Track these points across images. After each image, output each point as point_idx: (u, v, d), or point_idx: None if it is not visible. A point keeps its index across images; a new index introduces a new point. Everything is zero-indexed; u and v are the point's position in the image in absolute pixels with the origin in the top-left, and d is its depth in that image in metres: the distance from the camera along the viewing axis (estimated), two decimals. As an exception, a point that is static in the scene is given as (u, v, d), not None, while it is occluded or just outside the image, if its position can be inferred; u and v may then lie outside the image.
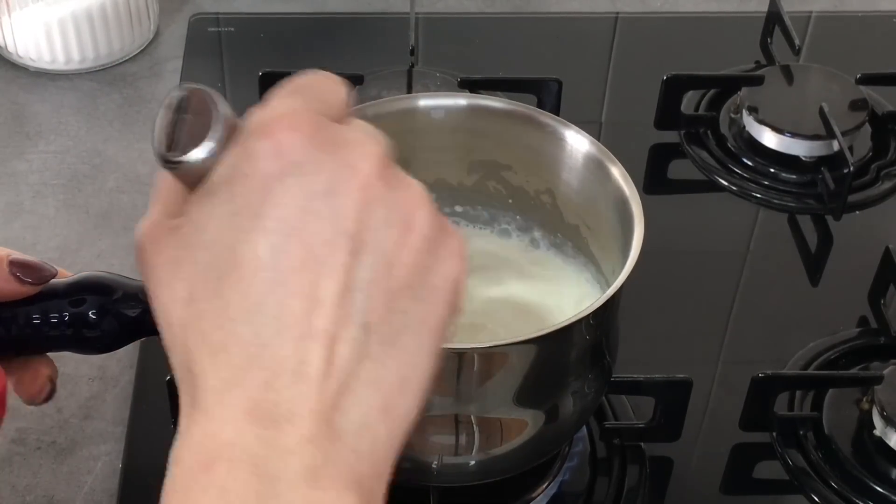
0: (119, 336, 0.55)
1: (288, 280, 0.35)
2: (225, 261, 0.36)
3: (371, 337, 0.36)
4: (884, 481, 0.71)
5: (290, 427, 0.35)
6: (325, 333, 0.35)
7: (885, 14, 1.13)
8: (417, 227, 0.37)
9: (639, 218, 0.61)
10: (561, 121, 0.67)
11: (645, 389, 0.71)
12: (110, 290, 0.54)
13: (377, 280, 0.36)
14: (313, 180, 0.36)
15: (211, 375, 0.36)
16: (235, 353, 0.35)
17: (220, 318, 0.36)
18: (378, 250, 0.36)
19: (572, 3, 1.13)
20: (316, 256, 0.36)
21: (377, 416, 0.36)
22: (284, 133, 0.36)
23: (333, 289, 0.36)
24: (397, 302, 0.37)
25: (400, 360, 0.37)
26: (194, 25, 1.06)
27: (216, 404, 0.35)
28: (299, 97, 0.39)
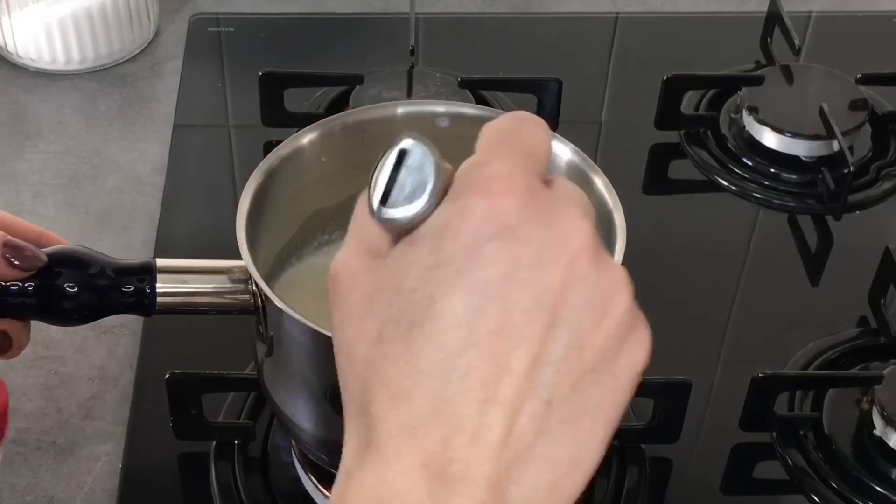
0: (96, 309, 0.57)
1: (482, 342, 0.35)
2: (421, 310, 0.36)
3: (552, 413, 0.36)
4: (884, 481, 0.71)
5: (462, 488, 0.35)
6: (509, 402, 0.35)
7: (885, 14, 1.13)
8: (615, 312, 0.38)
9: (621, 228, 0.60)
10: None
11: (644, 390, 0.71)
12: (86, 263, 0.55)
13: (567, 359, 0.36)
14: (523, 248, 0.36)
15: (390, 421, 0.36)
16: (418, 404, 0.35)
17: (407, 365, 0.36)
18: (573, 329, 0.36)
19: (572, 3, 1.13)
20: (513, 324, 0.35)
21: (545, 495, 0.36)
22: (499, 196, 0.36)
23: (525, 359, 0.36)
24: (582, 383, 0.37)
25: (575, 441, 0.37)
26: (194, 25, 1.06)
27: (392, 451, 0.35)
28: (512, 152, 0.38)
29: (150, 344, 0.77)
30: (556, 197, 0.38)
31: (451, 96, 0.94)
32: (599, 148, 0.96)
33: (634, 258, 0.60)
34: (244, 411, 0.72)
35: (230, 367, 0.72)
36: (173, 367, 0.69)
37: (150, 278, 0.58)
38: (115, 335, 0.79)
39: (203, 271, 0.61)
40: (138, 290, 0.58)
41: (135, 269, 0.58)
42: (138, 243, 0.86)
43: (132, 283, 0.58)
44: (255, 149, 0.92)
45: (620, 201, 0.62)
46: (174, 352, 0.77)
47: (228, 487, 0.69)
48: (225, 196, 0.89)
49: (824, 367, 0.78)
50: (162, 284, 0.59)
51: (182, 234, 0.86)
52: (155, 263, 0.59)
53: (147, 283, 0.58)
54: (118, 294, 0.57)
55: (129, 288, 0.57)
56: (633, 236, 0.60)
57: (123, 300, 0.58)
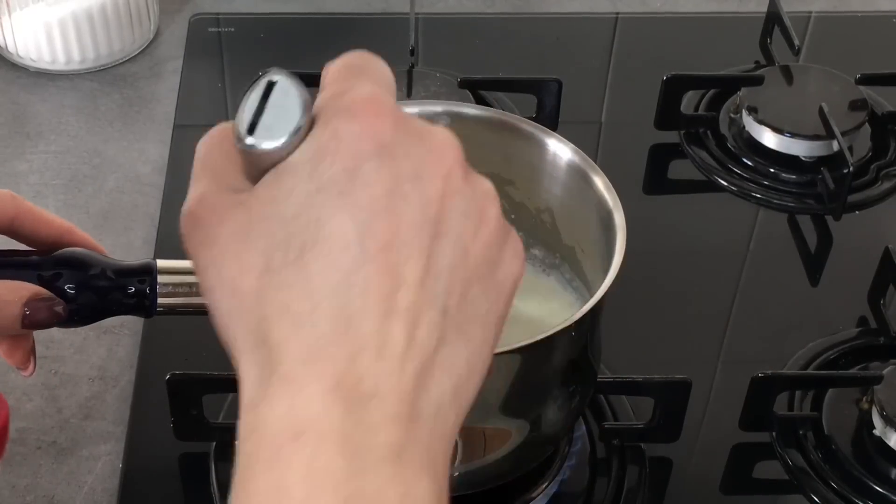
0: (96, 310, 0.57)
1: (375, 258, 0.36)
2: (308, 234, 0.36)
3: (447, 321, 0.37)
4: (884, 481, 0.71)
5: (375, 403, 0.35)
6: (408, 312, 0.36)
7: (885, 14, 1.13)
8: (490, 221, 0.39)
9: (621, 228, 0.61)
10: (542, 129, 0.67)
11: (644, 390, 0.71)
12: (86, 265, 0.56)
13: (455, 267, 0.37)
14: (402, 164, 0.37)
15: (294, 346, 0.35)
16: (321, 326, 0.35)
17: (304, 289, 0.36)
18: (456, 239, 0.37)
19: (572, 3, 1.13)
20: (402, 238, 0.36)
21: (450, 401, 0.37)
22: (372, 116, 0.37)
23: (418, 270, 0.36)
24: (470, 292, 0.38)
25: (469, 348, 0.38)
26: (194, 25, 1.06)
27: (301, 376, 0.35)
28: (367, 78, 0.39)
29: (150, 344, 0.77)
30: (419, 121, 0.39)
31: (451, 96, 0.94)
32: (599, 148, 0.96)
33: (634, 258, 0.60)
34: (244, 411, 0.72)
35: (230, 368, 0.72)
36: (174, 367, 0.69)
37: (151, 279, 0.58)
38: (116, 335, 0.79)
39: (203, 271, 0.61)
40: (139, 292, 0.58)
41: (135, 270, 0.58)
42: (138, 243, 0.86)
43: (133, 285, 0.58)
44: (255, 149, 0.92)
45: (620, 201, 0.62)
46: (174, 352, 0.77)
47: (229, 487, 0.68)
48: (225, 196, 0.89)
49: (824, 367, 0.78)
50: (163, 285, 0.59)
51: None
52: (156, 264, 0.59)
53: (148, 285, 0.58)
54: (119, 295, 0.57)
55: (129, 289, 0.57)
56: (633, 236, 0.60)
57: (124, 301, 0.58)
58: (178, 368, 0.69)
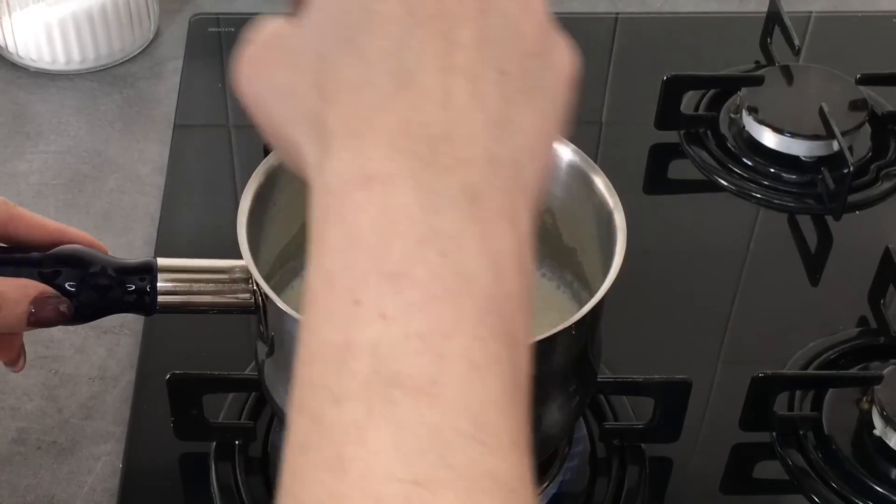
0: (97, 307, 0.57)
1: (426, 24, 0.35)
2: (356, 17, 0.35)
3: (511, 84, 0.36)
4: (884, 481, 0.71)
5: (446, 147, 0.34)
6: (468, 69, 0.35)
7: (885, 14, 1.13)
8: (537, 7, 0.38)
9: (621, 228, 0.61)
10: None
11: (644, 390, 0.71)
12: (87, 263, 0.56)
13: (508, 38, 0.37)
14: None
15: (355, 108, 0.34)
16: (380, 84, 0.34)
17: (358, 60, 0.35)
18: (504, 14, 0.37)
19: (572, 4, 1.13)
20: (449, 8, 0.36)
21: (527, 157, 0.36)
22: None
23: (470, 34, 0.36)
24: (528, 63, 0.37)
25: (539, 114, 0.37)
26: (194, 25, 1.06)
27: (366, 127, 0.34)
28: None
29: (150, 344, 0.77)
30: None
31: (451, 96, 0.94)
32: (599, 148, 0.96)
33: (634, 258, 0.60)
34: (245, 412, 0.72)
35: (231, 368, 0.72)
36: (174, 367, 0.69)
37: (151, 277, 0.58)
38: (116, 335, 0.79)
39: (204, 271, 0.61)
40: (139, 290, 0.58)
41: (136, 269, 0.58)
42: (139, 243, 0.86)
43: (133, 283, 0.58)
44: (255, 149, 0.92)
45: (620, 201, 0.62)
46: (174, 352, 0.77)
47: (229, 488, 0.69)
48: (225, 196, 0.89)
49: (824, 367, 0.78)
50: (163, 284, 0.59)
51: (182, 234, 0.86)
52: (156, 263, 0.59)
53: (148, 283, 0.58)
54: (119, 293, 0.57)
55: (130, 287, 0.58)
56: (633, 236, 0.60)
57: (124, 299, 0.58)
58: (178, 368, 0.69)
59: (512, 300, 0.34)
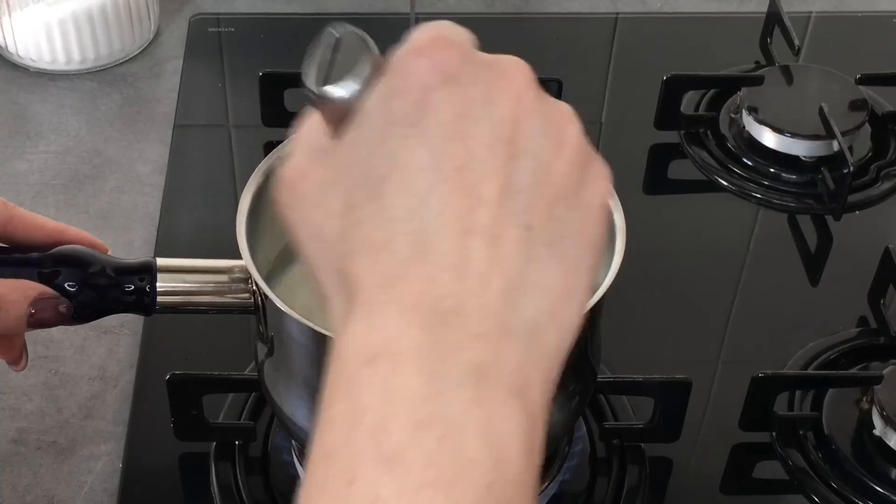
0: (96, 307, 0.57)
1: (450, 179, 0.35)
2: (383, 167, 0.36)
3: (534, 239, 0.36)
4: (884, 481, 0.71)
5: (458, 321, 0.34)
6: (488, 230, 0.35)
7: (885, 14, 1.13)
8: (570, 140, 0.38)
9: (621, 228, 0.60)
10: None
11: (644, 390, 0.71)
12: (86, 263, 0.56)
13: (536, 185, 0.36)
14: (470, 90, 0.37)
15: (372, 273, 0.35)
16: (398, 250, 0.35)
17: (381, 217, 0.35)
18: (534, 157, 0.37)
19: (572, 4, 1.13)
20: (476, 158, 0.36)
21: (547, 320, 0.35)
22: (438, 51, 0.37)
23: (494, 188, 0.36)
24: (556, 209, 0.37)
25: (563, 267, 0.36)
26: (194, 25, 1.06)
27: (379, 300, 0.34)
28: (438, 30, 0.39)
29: (150, 344, 0.77)
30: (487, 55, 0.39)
31: (451, 96, 0.94)
32: (599, 148, 0.95)
33: (634, 258, 0.60)
34: (244, 412, 0.72)
35: (230, 368, 0.72)
36: (174, 367, 0.69)
37: (151, 277, 0.58)
38: (116, 335, 0.79)
39: (203, 271, 0.61)
40: (139, 290, 0.58)
41: (135, 269, 0.58)
42: (138, 243, 0.86)
43: (133, 283, 0.58)
44: (255, 149, 0.92)
45: (620, 201, 0.62)
46: (174, 352, 0.77)
47: (229, 488, 0.69)
48: (225, 196, 0.89)
49: (824, 367, 0.78)
50: (162, 284, 0.59)
51: (182, 234, 0.86)
52: (155, 263, 0.59)
53: (147, 283, 0.58)
54: (119, 293, 0.57)
55: (129, 287, 0.58)
56: (633, 236, 0.60)
57: (124, 299, 0.58)
58: (178, 368, 0.69)
59: (513, 485, 0.33)
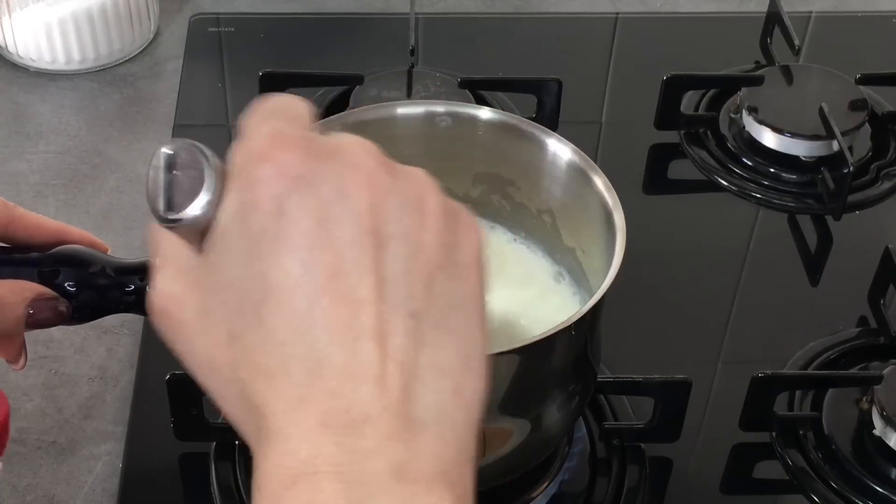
0: (96, 307, 0.57)
1: (326, 289, 0.35)
2: (258, 290, 0.36)
3: (421, 323, 0.36)
4: (884, 481, 0.71)
5: (367, 428, 0.34)
6: (375, 330, 0.35)
7: (885, 14, 1.13)
8: (431, 208, 0.38)
9: (621, 228, 0.61)
10: (542, 129, 0.67)
11: (644, 390, 0.71)
12: (86, 262, 0.56)
13: (409, 268, 0.37)
14: (322, 189, 0.36)
15: (274, 400, 0.35)
16: (294, 373, 0.35)
17: (269, 343, 0.36)
18: (402, 238, 0.37)
19: (572, 3, 1.13)
20: (346, 260, 0.36)
21: (451, 400, 0.36)
22: (279, 153, 0.37)
23: (371, 285, 0.36)
24: (435, 284, 0.37)
25: (456, 340, 0.37)
26: (194, 25, 1.06)
27: (287, 425, 0.35)
28: (273, 119, 0.39)
29: (150, 344, 0.77)
30: (328, 138, 0.38)
31: (451, 96, 0.94)
32: (599, 148, 0.96)
33: (634, 258, 0.60)
34: (244, 411, 0.72)
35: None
36: (174, 367, 0.69)
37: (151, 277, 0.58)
38: (116, 335, 0.79)
39: (203, 271, 0.61)
40: (139, 290, 0.58)
41: (135, 268, 0.58)
42: (138, 243, 0.86)
43: (133, 282, 0.58)
44: (255, 149, 0.92)
45: (620, 201, 0.62)
46: (174, 352, 0.77)
47: (229, 488, 0.69)
48: (225, 196, 0.89)
49: (824, 367, 0.78)
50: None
51: (182, 234, 0.86)
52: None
53: (147, 283, 0.58)
54: (119, 293, 0.57)
55: (129, 287, 0.57)
56: (633, 236, 0.60)
57: (124, 299, 0.58)
58: (178, 368, 0.68)
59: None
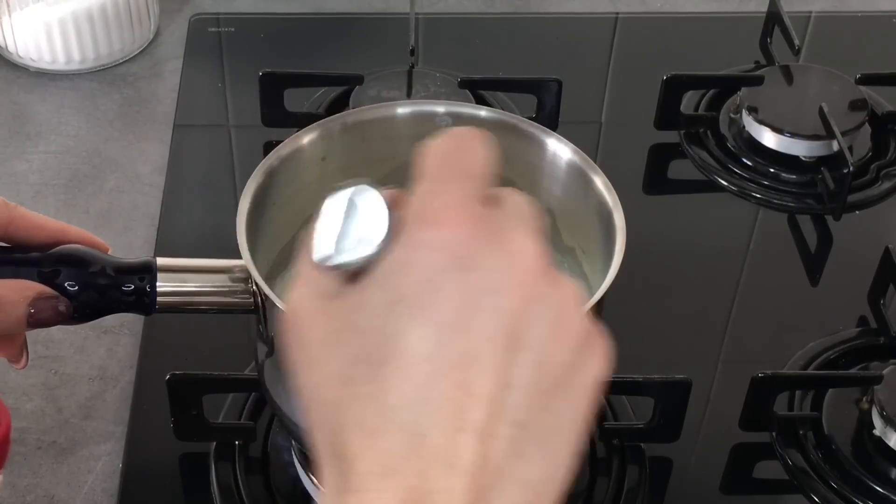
0: (96, 307, 0.57)
1: (449, 373, 0.36)
2: (385, 348, 0.36)
3: (524, 434, 0.36)
4: (883, 481, 0.71)
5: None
6: (481, 428, 0.36)
7: (885, 14, 1.13)
8: (572, 327, 0.38)
9: (621, 228, 0.60)
10: (542, 129, 0.67)
11: (644, 390, 0.71)
12: (86, 262, 0.56)
13: (532, 378, 0.37)
14: (478, 276, 0.36)
15: (366, 460, 0.36)
16: (393, 440, 0.35)
17: (378, 403, 0.36)
18: (534, 348, 0.37)
19: (572, 3, 1.13)
20: (476, 352, 0.36)
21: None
22: (449, 227, 0.37)
23: (490, 385, 0.36)
24: (548, 400, 0.37)
25: (548, 458, 0.37)
26: (194, 25, 1.06)
27: (372, 489, 0.35)
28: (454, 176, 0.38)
29: (150, 344, 0.77)
30: (503, 218, 0.38)
31: (451, 96, 0.94)
32: (599, 148, 0.96)
33: (634, 258, 0.60)
34: (244, 412, 0.72)
35: (230, 368, 0.72)
36: (173, 367, 0.69)
37: (151, 277, 0.58)
38: (116, 335, 0.79)
39: (203, 270, 0.61)
40: (139, 289, 0.58)
41: (135, 268, 0.58)
42: (138, 243, 0.86)
43: (133, 282, 0.58)
44: (255, 149, 0.92)
45: (620, 201, 0.62)
46: (174, 352, 0.77)
47: (229, 488, 0.69)
48: (225, 196, 0.89)
49: (824, 367, 0.78)
50: (162, 283, 0.59)
51: (182, 234, 0.86)
52: (155, 262, 0.59)
53: (147, 282, 0.58)
54: (118, 293, 0.57)
55: (129, 287, 0.58)
56: (633, 236, 0.60)
57: (124, 299, 0.58)
58: (178, 368, 0.69)
59: None
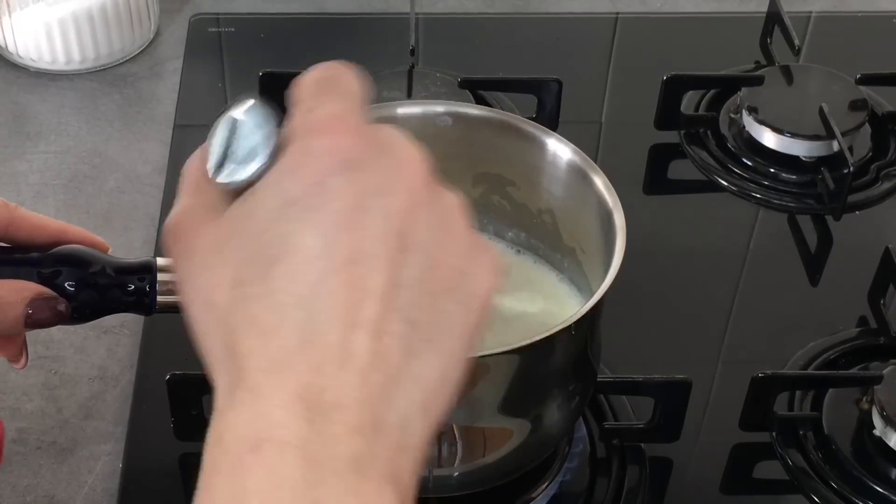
0: (96, 307, 0.57)
1: (340, 270, 0.36)
2: (276, 248, 0.37)
3: (416, 333, 0.37)
4: (884, 481, 0.71)
5: (337, 414, 0.35)
6: (372, 324, 0.36)
7: (885, 14, 1.13)
8: (458, 232, 0.39)
9: (621, 228, 0.61)
10: (542, 129, 0.67)
11: (644, 390, 0.71)
12: (86, 262, 0.56)
13: (422, 279, 0.37)
14: (366, 178, 0.37)
15: (260, 356, 0.36)
16: (287, 337, 0.36)
17: (271, 301, 0.36)
18: (423, 250, 0.38)
19: (572, 3, 1.13)
20: (367, 250, 0.37)
21: (418, 412, 0.37)
22: (337, 134, 0.38)
23: (382, 282, 0.37)
24: (440, 302, 0.38)
25: (440, 359, 0.38)
26: (194, 25, 1.06)
27: (265, 385, 0.36)
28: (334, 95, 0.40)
29: (150, 344, 0.77)
30: (385, 132, 0.40)
31: (451, 96, 0.94)
32: (599, 148, 0.96)
33: (634, 258, 0.60)
34: (244, 411, 0.72)
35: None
36: (174, 367, 0.69)
37: (151, 277, 0.58)
38: (116, 335, 0.79)
39: (203, 271, 0.61)
40: (139, 289, 0.58)
41: (135, 268, 0.58)
42: (138, 243, 0.86)
43: (133, 282, 0.58)
44: (255, 149, 0.92)
45: (620, 201, 0.62)
46: (174, 352, 0.76)
47: (229, 487, 0.69)
48: (225, 196, 0.89)
49: (824, 367, 0.78)
50: (162, 283, 0.59)
51: (182, 234, 0.86)
52: (155, 262, 0.59)
53: (147, 282, 0.58)
54: (119, 293, 0.57)
55: (129, 287, 0.58)
56: (633, 236, 0.60)
57: (124, 299, 0.58)
58: (178, 368, 0.69)
59: None
